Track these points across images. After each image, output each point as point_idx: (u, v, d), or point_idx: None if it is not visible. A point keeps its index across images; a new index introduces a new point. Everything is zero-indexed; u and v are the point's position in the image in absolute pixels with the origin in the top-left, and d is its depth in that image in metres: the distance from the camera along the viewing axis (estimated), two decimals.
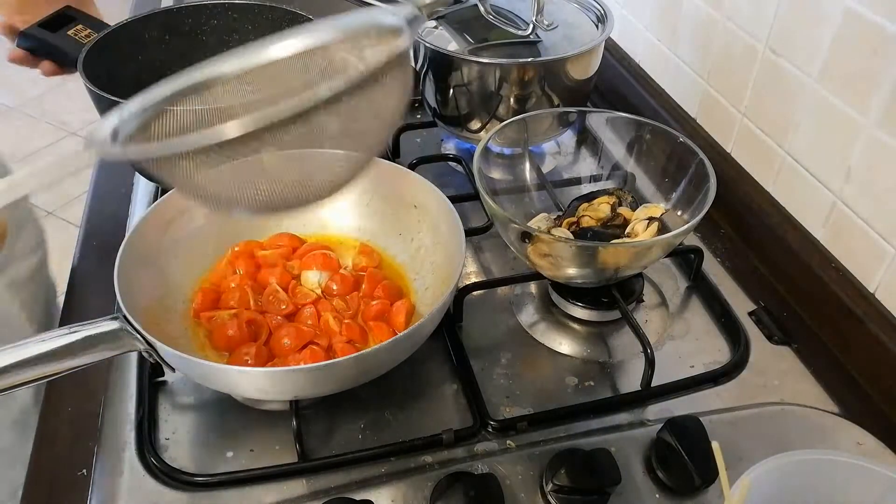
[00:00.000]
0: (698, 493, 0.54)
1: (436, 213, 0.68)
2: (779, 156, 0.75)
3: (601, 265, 0.64)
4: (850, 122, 0.65)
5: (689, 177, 0.70)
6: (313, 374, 0.54)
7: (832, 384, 0.65)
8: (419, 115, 0.99)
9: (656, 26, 0.96)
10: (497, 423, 0.60)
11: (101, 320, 0.53)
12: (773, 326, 0.70)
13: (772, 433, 0.59)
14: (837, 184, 0.68)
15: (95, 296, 0.73)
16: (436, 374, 0.65)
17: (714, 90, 0.85)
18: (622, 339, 0.69)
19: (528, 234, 0.63)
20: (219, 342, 0.62)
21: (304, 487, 0.56)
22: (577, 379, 0.65)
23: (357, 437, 0.59)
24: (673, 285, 0.75)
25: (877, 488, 0.46)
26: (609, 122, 0.77)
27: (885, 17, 0.60)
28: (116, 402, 0.61)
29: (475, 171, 0.67)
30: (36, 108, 2.90)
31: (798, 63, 0.70)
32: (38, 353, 0.50)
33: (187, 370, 0.56)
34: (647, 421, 0.61)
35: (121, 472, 0.56)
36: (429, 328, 0.58)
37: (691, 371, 0.65)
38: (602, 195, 0.75)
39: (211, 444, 0.59)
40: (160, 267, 0.64)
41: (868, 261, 0.66)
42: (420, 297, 0.68)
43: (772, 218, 0.76)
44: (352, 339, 0.62)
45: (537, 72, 0.80)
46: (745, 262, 0.78)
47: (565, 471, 0.53)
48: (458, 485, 0.51)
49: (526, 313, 0.72)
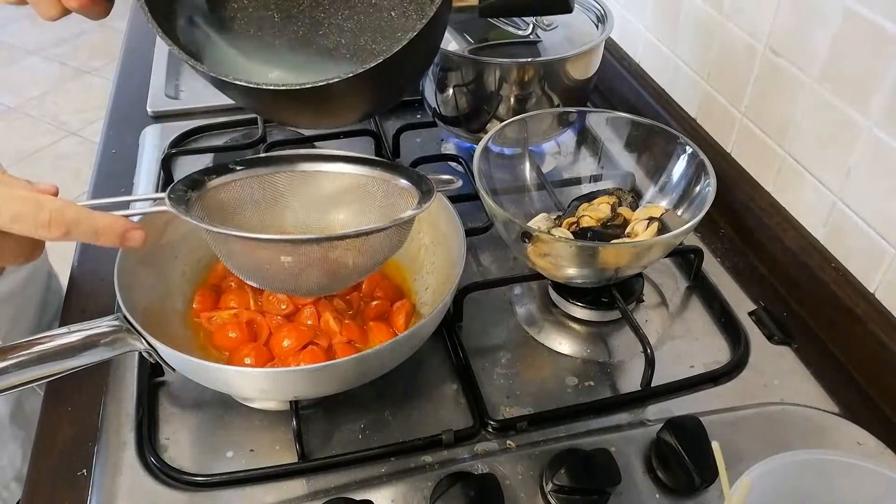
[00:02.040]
0: (698, 493, 0.54)
1: (436, 213, 0.68)
2: (779, 156, 0.75)
3: (601, 265, 0.64)
4: (850, 122, 0.65)
5: (689, 177, 0.70)
6: (313, 374, 0.54)
7: (832, 384, 0.65)
8: (419, 115, 0.99)
9: (656, 26, 0.96)
10: (497, 423, 0.60)
11: (101, 320, 0.53)
12: (773, 326, 0.70)
13: (772, 433, 0.59)
14: (837, 184, 0.68)
15: (95, 296, 0.73)
16: (436, 374, 0.65)
17: (714, 90, 0.85)
18: (622, 339, 0.69)
19: (528, 234, 0.63)
20: (219, 342, 0.62)
21: (304, 487, 0.56)
22: (577, 379, 0.65)
23: (357, 437, 0.59)
24: (673, 285, 0.75)
25: (877, 488, 0.46)
26: (609, 122, 0.77)
27: (885, 17, 0.60)
28: (116, 402, 0.61)
29: (475, 171, 0.67)
30: (36, 108, 2.90)
31: (798, 63, 0.70)
32: (38, 353, 0.50)
33: (187, 370, 0.55)
34: (647, 421, 0.61)
35: (121, 472, 0.56)
36: (429, 328, 0.58)
37: (691, 371, 0.65)
38: (602, 195, 0.75)
39: (211, 444, 0.59)
40: (160, 267, 0.64)
41: (868, 261, 0.66)
42: (420, 297, 0.68)
43: (772, 218, 0.76)
44: (352, 339, 0.62)
45: (537, 72, 0.80)
46: (745, 262, 0.78)
47: (565, 471, 0.53)
48: (458, 485, 0.51)
49: (526, 313, 0.72)
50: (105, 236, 0.49)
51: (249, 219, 0.61)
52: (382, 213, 0.61)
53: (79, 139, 2.74)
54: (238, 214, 0.60)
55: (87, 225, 0.48)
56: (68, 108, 2.90)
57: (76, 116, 2.84)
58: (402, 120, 0.96)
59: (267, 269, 0.54)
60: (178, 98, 1.07)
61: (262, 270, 0.55)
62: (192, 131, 0.97)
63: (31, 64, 3.16)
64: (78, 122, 2.82)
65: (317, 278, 0.55)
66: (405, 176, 0.60)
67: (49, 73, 3.11)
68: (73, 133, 2.77)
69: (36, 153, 2.64)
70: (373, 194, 0.61)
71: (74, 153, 2.66)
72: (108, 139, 0.98)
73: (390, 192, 0.60)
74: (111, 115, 1.04)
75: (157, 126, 0.99)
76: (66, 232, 0.47)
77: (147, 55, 1.15)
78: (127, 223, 0.50)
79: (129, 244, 0.51)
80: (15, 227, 0.46)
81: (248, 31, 0.62)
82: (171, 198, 0.54)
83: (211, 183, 0.58)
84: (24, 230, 0.47)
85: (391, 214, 0.59)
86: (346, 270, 0.55)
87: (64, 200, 0.48)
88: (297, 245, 0.52)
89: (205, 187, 0.58)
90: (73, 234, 0.48)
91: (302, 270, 0.54)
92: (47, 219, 0.46)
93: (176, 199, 0.54)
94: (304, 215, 0.63)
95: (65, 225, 0.47)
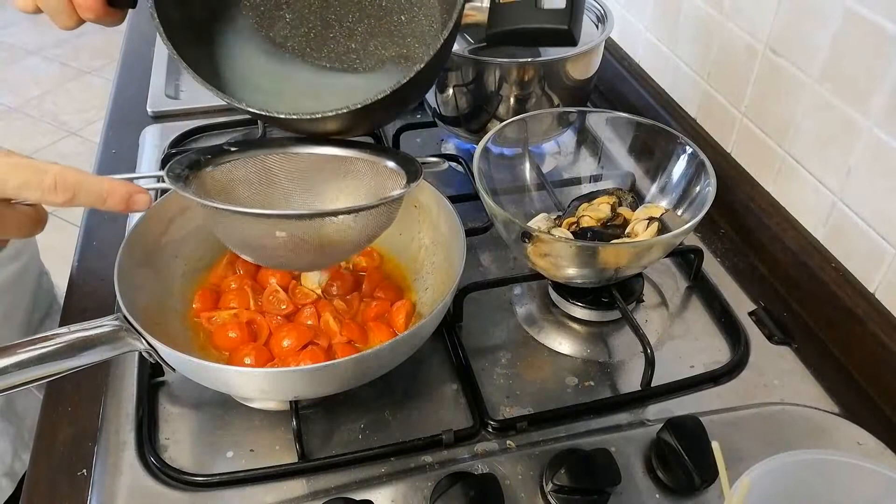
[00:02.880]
0: (698, 493, 0.54)
1: (436, 213, 0.68)
2: (779, 156, 0.75)
3: (601, 265, 0.64)
4: (850, 122, 0.65)
5: (688, 177, 0.70)
6: (313, 374, 0.54)
7: (832, 384, 0.65)
8: (419, 115, 0.99)
9: (656, 26, 0.96)
10: (497, 423, 0.60)
11: (101, 320, 0.53)
12: (773, 326, 0.70)
13: (772, 433, 0.59)
14: (837, 184, 0.68)
15: (95, 296, 0.73)
16: (436, 374, 0.65)
17: (714, 90, 0.85)
18: (622, 339, 0.69)
19: (528, 234, 0.63)
20: (219, 342, 0.62)
21: (304, 487, 0.56)
22: (577, 379, 0.65)
23: (357, 437, 0.59)
24: (673, 285, 0.75)
25: (877, 488, 0.46)
26: (609, 122, 0.77)
27: (885, 17, 0.60)
28: (116, 402, 0.61)
29: (475, 171, 0.67)
30: (36, 108, 2.90)
31: (798, 63, 0.70)
32: (38, 353, 0.50)
33: (187, 370, 0.55)
34: (647, 421, 0.61)
35: (121, 472, 0.56)
36: (429, 328, 0.58)
37: (691, 371, 0.65)
38: (602, 195, 0.75)
39: (211, 444, 0.59)
40: (160, 267, 0.64)
41: (868, 261, 0.66)
42: (420, 297, 0.68)
43: (772, 218, 0.76)
44: (352, 339, 0.62)
45: (537, 72, 0.80)
46: (745, 262, 0.78)
47: (565, 471, 0.53)
48: (458, 485, 0.51)
49: (526, 313, 0.72)
50: (111, 199, 0.50)
51: (243, 197, 0.62)
52: (372, 192, 0.63)
53: (79, 139, 2.74)
54: (232, 193, 0.61)
55: (92, 187, 0.49)
56: (68, 108, 2.90)
57: (76, 116, 2.85)
58: (403, 120, 0.96)
59: (261, 243, 0.55)
60: (178, 98, 1.07)
61: (256, 245, 0.56)
62: (192, 131, 0.97)
63: (32, 64, 3.16)
64: (78, 122, 2.82)
65: (309, 253, 0.56)
66: (393, 158, 0.62)
67: (49, 73, 3.11)
68: (73, 133, 2.77)
69: (36, 153, 2.64)
70: (362, 175, 0.63)
71: (74, 153, 2.66)
72: (108, 139, 0.98)
73: (379, 172, 0.62)
74: (111, 115, 1.04)
75: (157, 126, 0.99)
76: (73, 195, 0.48)
77: (147, 55, 1.15)
78: (132, 186, 0.51)
79: (135, 208, 0.51)
80: (22, 195, 0.48)
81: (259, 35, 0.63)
82: (170, 175, 0.55)
83: (206, 163, 0.59)
84: (32, 197, 0.48)
85: (380, 194, 0.61)
86: (338, 246, 0.57)
87: (65, 165, 0.49)
88: (291, 220, 0.54)
89: (201, 167, 0.59)
90: (79, 197, 0.48)
91: (296, 245, 0.55)
92: (52, 182, 0.47)
93: (174, 176, 0.55)
94: (297, 195, 0.64)
95: (70, 188, 0.48)
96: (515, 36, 0.54)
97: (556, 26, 0.52)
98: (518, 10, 0.53)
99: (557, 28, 0.52)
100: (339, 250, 0.58)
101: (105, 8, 0.55)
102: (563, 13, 0.52)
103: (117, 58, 1.19)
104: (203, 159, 0.59)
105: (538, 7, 0.52)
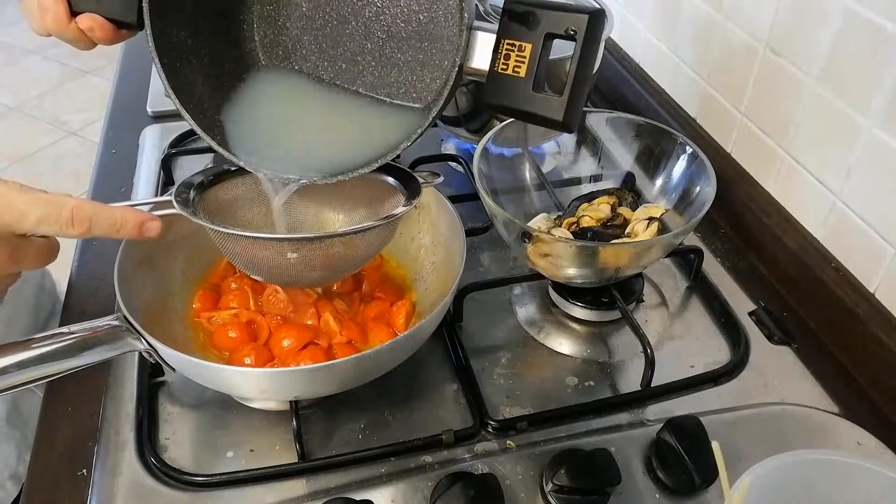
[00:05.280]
0: (698, 493, 0.54)
1: (436, 213, 0.68)
2: (779, 156, 0.75)
3: (601, 265, 0.64)
4: (850, 122, 0.65)
5: (688, 177, 0.70)
6: (313, 374, 0.54)
7: (832, 384, 0.65)
8: None
9: (656, 26, 0.96)
10: (497, 423, 0.60)
11: (101, 320, 0.53)
12: (773, 326, 0.70)
13: (772, 433, 0.59)
14: (837, 184, 0.68)
15: (95, 296, 0.73)
16: (436, 374, 0.65)
17: (714, 90, 0.85)
18: (622, 339, 0.69)
19: (528, 234, 0.63)
20: (219, 342, 0.62)
21: (304, 487, 0.56)
22: (577, 379, 0.65)
23: (357, 437, 0.59)
24: (673, 285, 0.75)
25: (877, 488, 0.46)
26: (609, 122, 0.77)
27: (885, 17, 0.60)
28: (116, 402, 0.61)
29: (475, 171, 0.67)
30: (36, 108, 2.90)
31: (798, 63, 0.70)
32: (38, 353, 0.50)
33: (187, 370, 0.55)
34: (647, 421, 0.61)
35: (121, 472, 0.56)
36: (429, 328, 0.58)
37: (691, 371, 0.65)
38: (602, 195, 0.75)
39: (211, 444, 0.59)
40: (160, 267, 0.64)
41: (868, 261, 0.66)
42: (420, 297, 0.68)
43: (772, 218, 0.76)
44: (352, 339, 0.62)
45: None
46: (744, 262, 0.78)
47: (565, 471, 0.53)
48: (458, 485, 0.51)
49: (526, 313, 0.72)
50: (125, 228, 0.52)
51: (246, 216, 0.64)
52: (372, 209, 0.64)
53: (79, 139, 2.74)
54: (236, 212, 0.63)
55: (106, 218, 0.51)
56: (68, 108, 2.90)
57: (76, 116, 2.85)
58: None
59: (271, 264, 0.57)
60: None
61: (266, 266, 0.57)
62: (192, 131, 0.96)
63: (31, 64, 3.16)
64: (78, 122, 2.82)
65: (316, 270, 0.58)
66: (392, 174, 0.63)
67: (49, 73, 3.11)
68: (73, 133, 2.77)
69: (36, 153, 2.64)
70: (361, 191, 0.64)
71: (74, 153, 2.66)
72: (108, 139, 0.98)
73: (378, 188, 0.63)
74: (111, 115, 1.04)
75: (157, 126, 0.99)
76: (89, 227, 0.50)
77: (147, 55, 1.14)
78: (144, 215, 0.53)
79: (148, 235, 0.53)
80: (41, 228, 0.49)
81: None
82: (178, 200, 0.56)
83: (210, 184, 0.61)
84: (50, 231, 0.49)
85: (380, 210, 0.63)
86: (344, 262, 0.59)
87: (79, 198, 0.50)
88: (301, 243, 0.55)
89: (205, 188, 0.61)
90: (94, 229, 0.50)
91: (304, 265, 0.56)
92: (69, 216, 0.49)
93: (182, 201, 0.57)
94: (298, 212, 0.65)
95: (87, 220, 0.50)
96: (509, 111, 0.51)
97: (551, 117, 0.49)
98: (516, 88, 0.48)
99: (552, 119, 0.49)
100: (345, 266, 0.60)
101: (116, 32, 0.57)
102: (559, 104, 0.48)
103: (117, 58, 1.19)
104: (206, 181, 0.61)
105: (536, 90, 0.48)
